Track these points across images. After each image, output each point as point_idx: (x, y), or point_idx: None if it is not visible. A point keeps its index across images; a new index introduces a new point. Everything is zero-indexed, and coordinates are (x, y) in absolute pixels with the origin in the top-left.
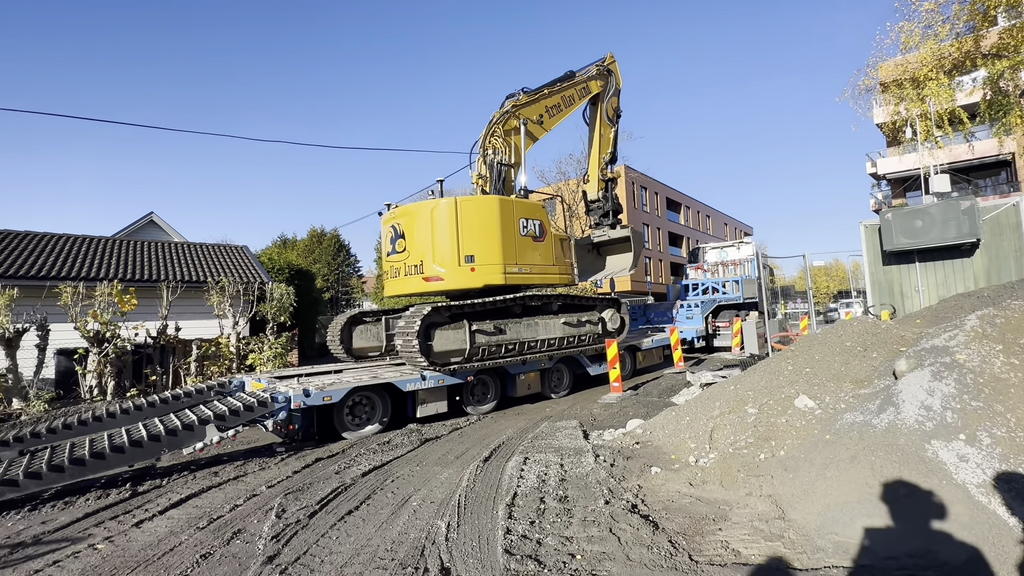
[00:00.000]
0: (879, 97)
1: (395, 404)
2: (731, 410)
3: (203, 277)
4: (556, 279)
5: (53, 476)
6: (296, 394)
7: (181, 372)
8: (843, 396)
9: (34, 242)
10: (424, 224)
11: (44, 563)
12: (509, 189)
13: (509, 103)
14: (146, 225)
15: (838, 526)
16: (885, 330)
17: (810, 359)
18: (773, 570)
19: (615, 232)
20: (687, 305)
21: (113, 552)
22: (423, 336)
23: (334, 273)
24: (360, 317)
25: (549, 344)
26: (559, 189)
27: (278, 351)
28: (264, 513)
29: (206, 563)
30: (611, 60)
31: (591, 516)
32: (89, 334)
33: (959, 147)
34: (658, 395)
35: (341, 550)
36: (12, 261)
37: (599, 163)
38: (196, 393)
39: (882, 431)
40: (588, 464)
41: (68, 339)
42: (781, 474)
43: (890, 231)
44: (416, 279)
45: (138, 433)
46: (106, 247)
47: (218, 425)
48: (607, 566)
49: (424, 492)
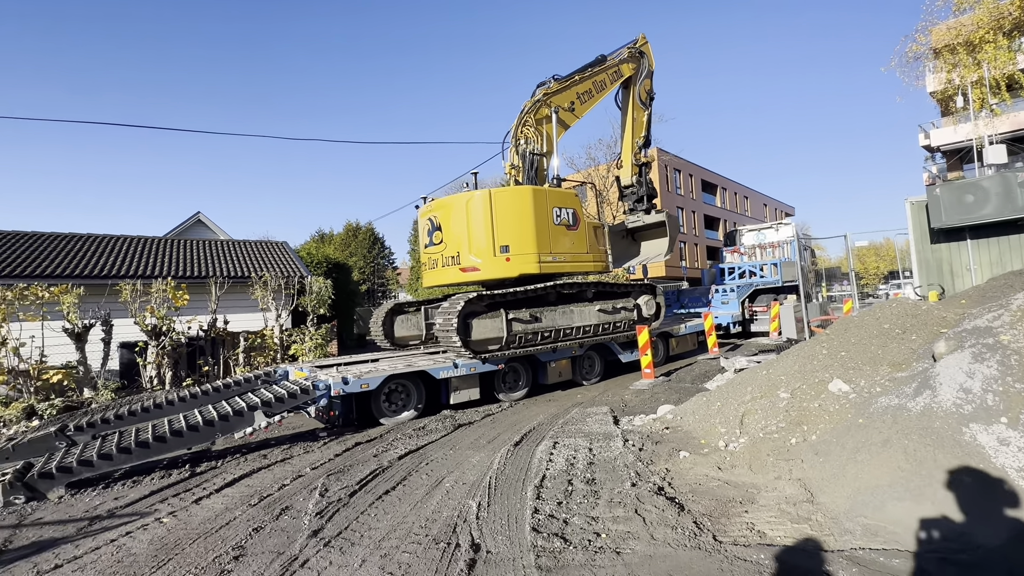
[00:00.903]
0: (931, 64)
1: (429, 391)
2: (763, 395)
3: (247, 273)
4: (590, 266)
5: (122, 457)
6: (336, 382)
7: (230, 362)
8: (879, 380)
9: (95, 244)
10: (460, 216)
11: (118, 533)
12: (542, 178)
13: (540, 91)
14: (194, 224)
15: (868, 509)
16: (926, 311)
17: (846, 342)
18: (798, 551)
19: (650, 217)
20: (722, 290)
21: (176, 525)
22: (462, 325)
23: (370, 266)
24: (401, 307)
25: (584, 331)
26: (589, 175)
27: (318, 341)
28: (309, 492)
29: (258, 536)
30: (643, 41)
31: (617, 498)
32: (147, 328)
33: (1021, 115)
34: (691, 381)
35: (379, 526)
36: (78, 262)
37: (632, 147)
38: (244, 382)
39: (917, 414)
40: (616, 448)
41: (129, 333)
42: (811, 458)
43: (938, 207)
44: (453, 270)
45: (194, 419)
46: (159, 246)
47: (265, 411)
48: (631, 544)
49: (457, 474)
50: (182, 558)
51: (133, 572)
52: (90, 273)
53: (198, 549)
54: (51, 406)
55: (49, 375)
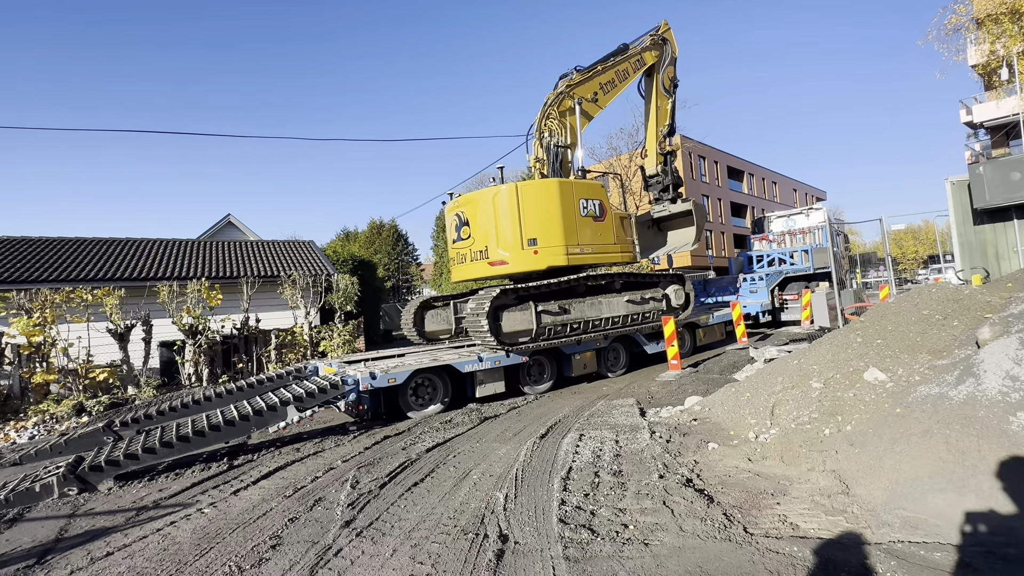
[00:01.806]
0: (972, 36)
1: (455, 385)
2: (794, 385)
3: (277, 272)
4: (618, 257)
5: (164, 451)
6: (364, 377)
7: (263, 359)
8: (918, 368)
9: (134, 247)
10: (487, 211)
11: (164, 523)
12: (567, 170)
13: (563, 83)
14: (225, 226)
15: (907, 502)
16: (968, 296)
17: (882, 330)
18: (834, 544)
19: (676, 206)
20: (751, 278)
21: (217, 515)
22: (492, 318)
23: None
24: (430, 303)
25: (613, 322)
26: (611, 165)
27: (346, 338)
28: (340, 484)
29: (293, 526)
30: (665, 28)
31: (645, 489)
32: (184, 327)
33: None
34: (719, 372)
35: (408, 517)
36: (119, 265)
37: (657, 136)
38: (277, 378)
39: (959, 403)
40: (643, 440)
41: (167, 332)
42: (846, 449)
43: (981, 187)
44: (482, 264)
45: (230, 414)
46: (193, 248)
47: (297, 406)
48: (659, 536)
49: (484, 466)
50: (223, 547)
51: (178, 560)
52: (130, 276)
53: (237, 538)
54: (98, 403)
55: (96, 373)
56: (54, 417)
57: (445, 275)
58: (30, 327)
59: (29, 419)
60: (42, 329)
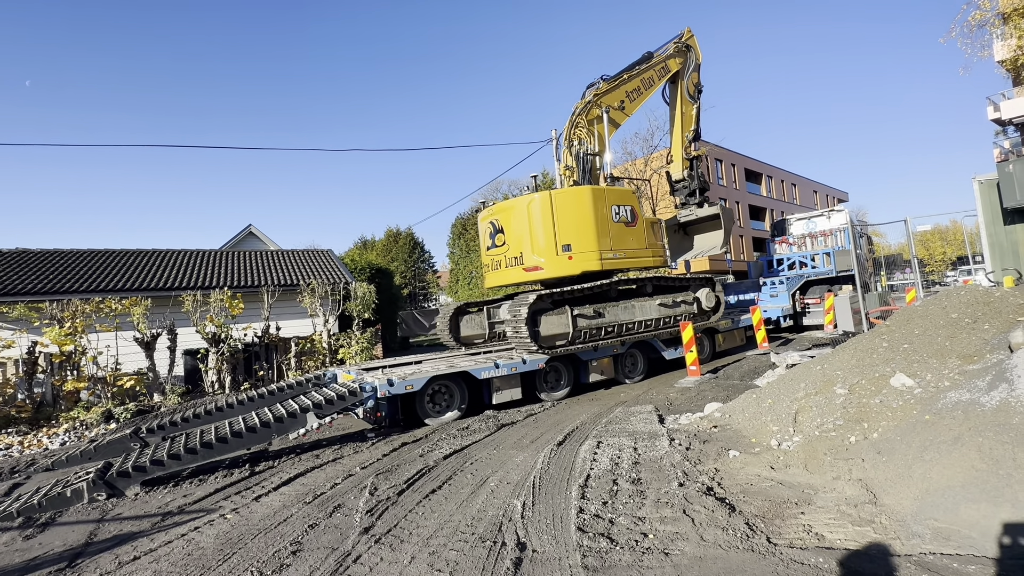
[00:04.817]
0: (998, 31)
1: (472, 392)
2: (818, 391)
3: (296, 280)
4: (649, 262)
5: (189, 457)
6: (381, 384)
7: (283, 367)
8: (947, 373)
9: (160, 259)
10: (521, 218)
11: (188, 528)
12: (595, 177)
13: (590, 93)
14: (247, 236)
15: (938, 512)
16: (1000, 299)
17: (908, 334)
18: (862, 555)
19: (703, 211)
20: (771, 282)
21: (239, 521)
22: (531, 322)
23: (411, 270)
24: (465, 308)
25: (646, 325)
26: (626, 170)
27: (364, 345)
28: (359, 490)
29: (313, 532)
30: (689, 35)
31: (664, 498)
32: (207, 336)
33: None
34: (739, 378)
35: (426, 524)
36: (145, 276)
37: (683, 142)
38: (296, 385)
39: (992, 410)
40: (662, 447)
41: (192, 341)
42: (873, 457)
43: (1011, 185)
44: (516, 270)
45: (252, 421)
46: (215, 258)
47: (317, 413)
48: (680, 546)
49: (501, 474)
50: (245, 552)
51: (202, 564)
52: (156, 286)
53: (259, 544)
54: (126, 410)
55: (123, 381)
56: (84, 424)
57: (461, 282)
58: (62, 336)
59: (61, 426)
60: (73, 338)
